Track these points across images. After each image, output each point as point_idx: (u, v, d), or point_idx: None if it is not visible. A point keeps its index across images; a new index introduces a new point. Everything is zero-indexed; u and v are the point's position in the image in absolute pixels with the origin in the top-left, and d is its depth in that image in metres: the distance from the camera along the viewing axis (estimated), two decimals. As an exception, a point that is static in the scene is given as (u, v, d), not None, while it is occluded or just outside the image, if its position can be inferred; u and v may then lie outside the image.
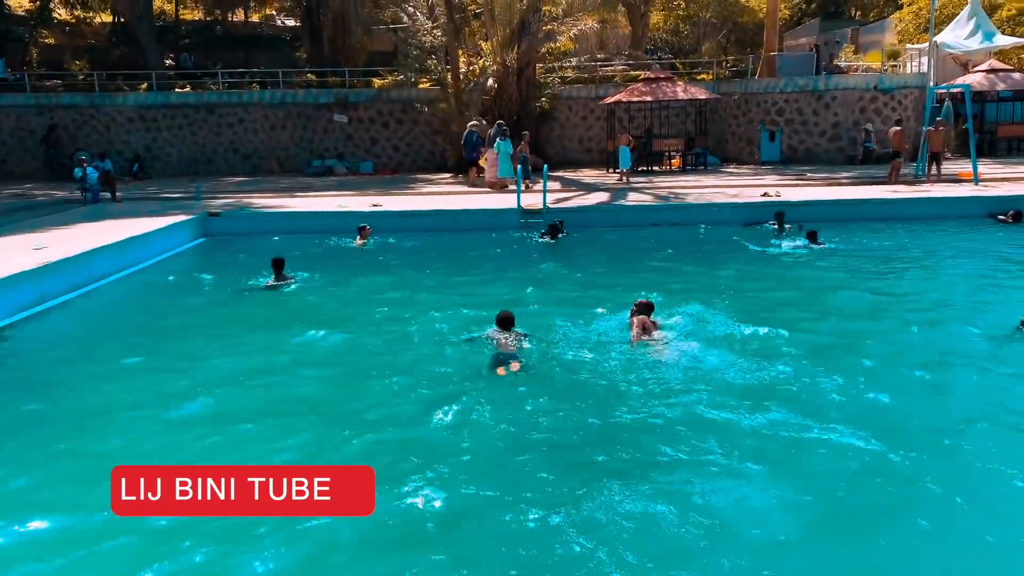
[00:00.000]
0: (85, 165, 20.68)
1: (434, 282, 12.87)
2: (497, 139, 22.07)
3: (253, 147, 29.59)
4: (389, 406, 7.62)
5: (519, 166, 20.54)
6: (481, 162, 23.17)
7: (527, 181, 21.37)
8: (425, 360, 8.80)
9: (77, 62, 34.02)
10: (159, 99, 29.32)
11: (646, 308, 9.18)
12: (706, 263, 13.96)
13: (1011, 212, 16.61)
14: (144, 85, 30.03)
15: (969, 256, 14.44)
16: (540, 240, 15.90)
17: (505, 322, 8.85)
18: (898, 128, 21.72)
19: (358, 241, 15.95)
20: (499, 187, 21.74)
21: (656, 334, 8.93)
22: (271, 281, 12.33)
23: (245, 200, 20.34)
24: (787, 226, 15.90)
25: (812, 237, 14.67)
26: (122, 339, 10.20)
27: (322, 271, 13.43)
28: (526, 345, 8.82)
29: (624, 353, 8.65)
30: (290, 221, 17.86)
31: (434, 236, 16.70)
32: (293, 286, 12.36)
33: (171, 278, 14.08)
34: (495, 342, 8.72)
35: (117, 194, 20.78)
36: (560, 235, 15.87)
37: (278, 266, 12.40)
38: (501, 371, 8.18)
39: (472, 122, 24.77)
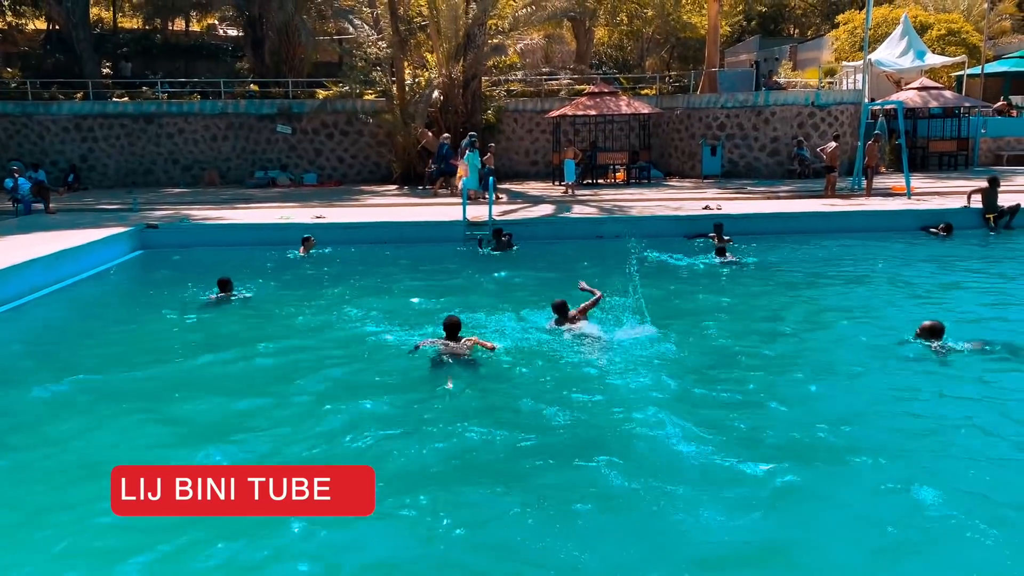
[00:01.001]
0: (17, 175, 20.06)
1: (379, 293, 12.74)
2: (467, 151, 22.05)
3: (194, 158, 29.05)
4: (338, 415, 7.63)
5: (457, 178, 20.60)
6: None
7: (479, 192, 21.67)
8: (373, 368, 8.86)
9: (9, 69, 33.03)
10: (96, 108, 28.62)
11: (562, 307, 9.96)
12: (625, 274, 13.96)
13: (942, 225, 17.14)
14: (80, 94, 29.30)
15: (891, 266, 14.75)
16: (483, 251, 15.88)
17: (452, 328, 8.93)
18: (835, 144, 22.28)
19: (302, 251, 15.78)
20: (471, 198, 21.74)
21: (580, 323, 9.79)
22: (214, 296, 12.07)
23: (185, 212, 19.95)
24: (727, 238, 16.15)
25: (721, 252, 14.72)
26: (52, 355, 9.87)
27: (265, 284, 13.23)
28: (474, 352, 8.95)
29: (568, 356, 9.05)
30: (231, 233, 17.53)
31: (379, 248, 16.56)
32: (235, 300, 12.10)
33: (105, 292, 13.72)
34: (442, 348, 8.84)
35: (50, 205, 20.20)
36: (503, 241, 15.92)
37: (224, 286, 12.11)
38: (448, 375, 8.43)
39: (444, 134, 24.76)
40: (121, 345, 10.21)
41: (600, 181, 26.84)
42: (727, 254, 14.72)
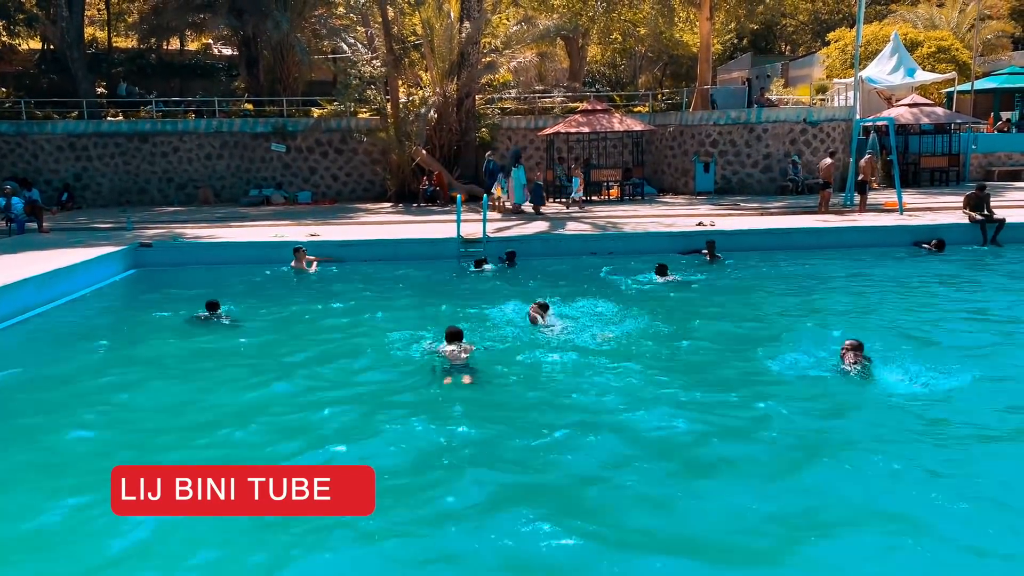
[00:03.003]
0: (10, 195, 20.04)
1: (374, 307, 12.83)
2: (513, 167, 22.95)
3: (188, 176, 29.08)
4: (337, 417, 7.86)
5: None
6: (497, 190, 23.84)
7: (538, 207, 22.78)
8: (379, 376, 9.20)
9: (3, 89, 33.10)
10: (90, 127, 28.66)
11: (542, 306, 11.20)
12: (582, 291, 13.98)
13: (934, 240, 17.19)
14: (75, 113, 29.33)
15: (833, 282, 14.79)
16: (474, 270, 15.89)
17: (454, 336, 9.39)
18: (830, 160, 22.37)
19: (294, 264, 15.79)
20: (515, 212, 22.73)
21: (550, 318, 11.07)
22: (203, 315, 12.03)
23: (179, 230, 19.94)
24: (718, 255, 16.17)
25: (661, 271, 14.44)
26: (46, 375, 9.83)
27: (260, 301, 13.28)
28: (474, 357, 9.41)
29: (560, 360, 9.64)
30: (225, 251, 17.54)
31: (373, 265, 16.58)
32: (229, 318, 12.06)
33: (100, 311, 13.67)
34: (446, 355, 9.28)
35: (44, 224, 20.17)
36: (486, 265, 15.91)
37: (212, 307, 12.07)
38: (448, 380, 8.88)
39: (489, 151, 25.45)
40: (115, 362, 10.20)
41: (594, 198, 26.91)
42: (668, 273, 14.37)
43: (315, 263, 16.22)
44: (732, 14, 35.79)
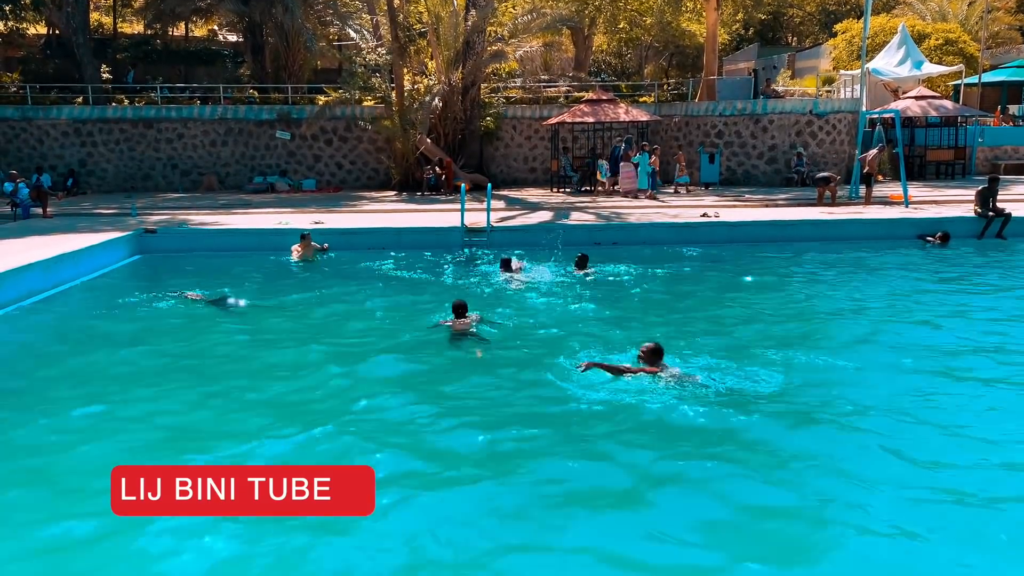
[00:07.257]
0: (18, 180, 20.07)
1: (383, 292, 12.98)
2: (637, 153, 24.43)
3: (192, 163, 29.10)
4: (362, 391, 8.10)
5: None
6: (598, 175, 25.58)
7: (654, 192, 24.06)
8: (391, 352, 9.54)
9: (9, 74, 33.08)
10: (95, 113, 28.67)
11: (506, 261, 13.48)
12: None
13: (939, 233, 17.10)
14: (80, 99, 29.34)
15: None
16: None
17: (460, 309, 10.06)
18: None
19: (298, 251, 15.80)
20: (634, 196, 23.90)
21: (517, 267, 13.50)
22: (213, 299, 12.09)
23: (183, 216, 19.96)
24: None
25: (581, 263, 13.80)
26: (51, 360, 9.85)
27: (264, 288, 13.35)
28: (479, 327, 10.05)
29: (554, 327, 10.40)
30: (229, 238, 17.55)
31: (377, 253, 16.56)
32: (242, 303, 12.12)
33: (104, 296, 13.67)
34: (453, 326, 9.96)
35: (48, 209, 20.21)
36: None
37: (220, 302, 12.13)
38: (459, 350, 9.58)
39: (618, 137, 26.46)
40: (117, 349, 10.19)
41: (599, 188, 26.86)
42: (588, 267, 13.81)
43: (314, 249, 16.18)
44: (739, 4, 35.76)
